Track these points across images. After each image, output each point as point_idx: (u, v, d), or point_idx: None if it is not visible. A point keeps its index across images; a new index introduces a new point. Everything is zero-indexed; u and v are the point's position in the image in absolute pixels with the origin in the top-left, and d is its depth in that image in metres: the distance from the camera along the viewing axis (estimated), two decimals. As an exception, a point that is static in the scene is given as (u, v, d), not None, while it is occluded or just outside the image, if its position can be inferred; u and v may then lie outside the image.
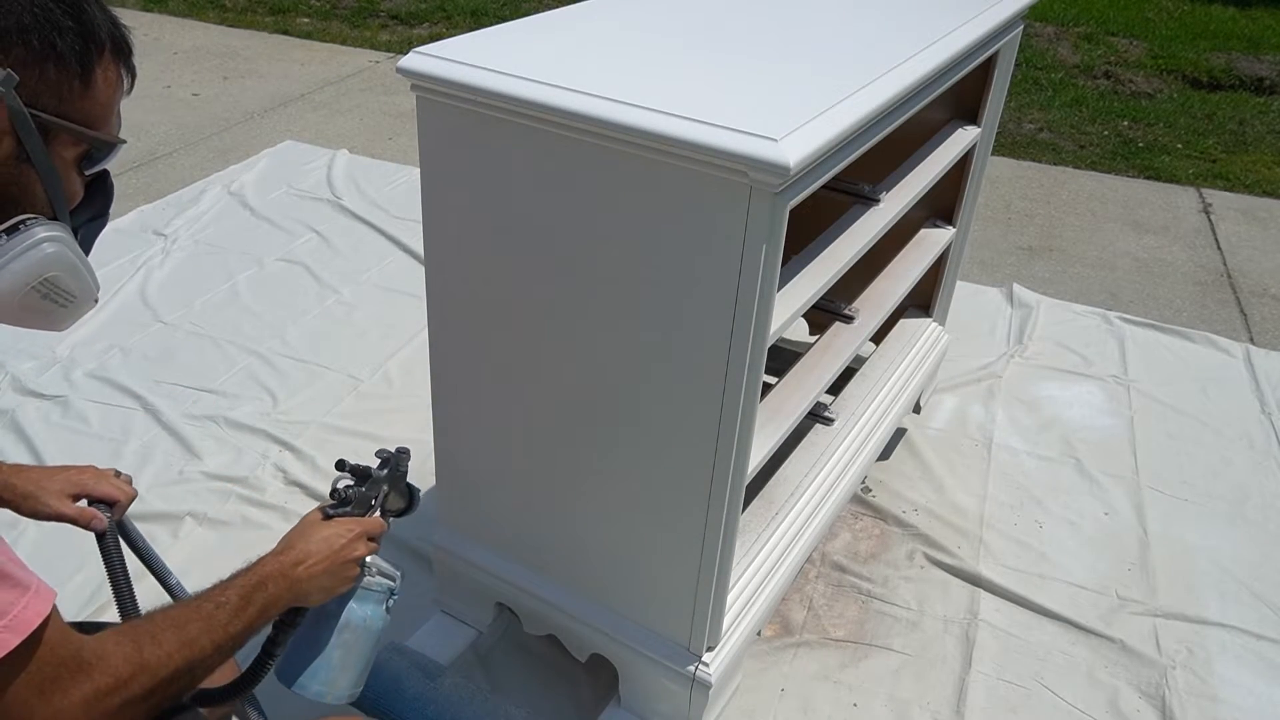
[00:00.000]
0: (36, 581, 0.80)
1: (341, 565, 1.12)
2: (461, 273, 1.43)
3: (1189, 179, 4.37)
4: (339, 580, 1.12)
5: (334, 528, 1.13)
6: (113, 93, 0.88)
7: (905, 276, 2.00)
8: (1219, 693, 1.89)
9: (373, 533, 1.17)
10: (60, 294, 0.89)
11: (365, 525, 1.16)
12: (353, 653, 1.19)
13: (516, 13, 6.26)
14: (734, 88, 1.27)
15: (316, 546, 1.10)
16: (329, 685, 1.18)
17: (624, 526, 1.48)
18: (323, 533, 1.12)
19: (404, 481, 1.25)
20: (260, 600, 1.03)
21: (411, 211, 3.54)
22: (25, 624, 0.77)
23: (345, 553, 1.12)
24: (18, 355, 2.70)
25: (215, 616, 0.97)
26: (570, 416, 1.44)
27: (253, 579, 1.03)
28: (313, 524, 1.13)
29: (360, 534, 1.14)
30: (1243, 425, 2.67)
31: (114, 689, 0.84)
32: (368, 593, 1.18)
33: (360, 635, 1.18)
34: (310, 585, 1.09)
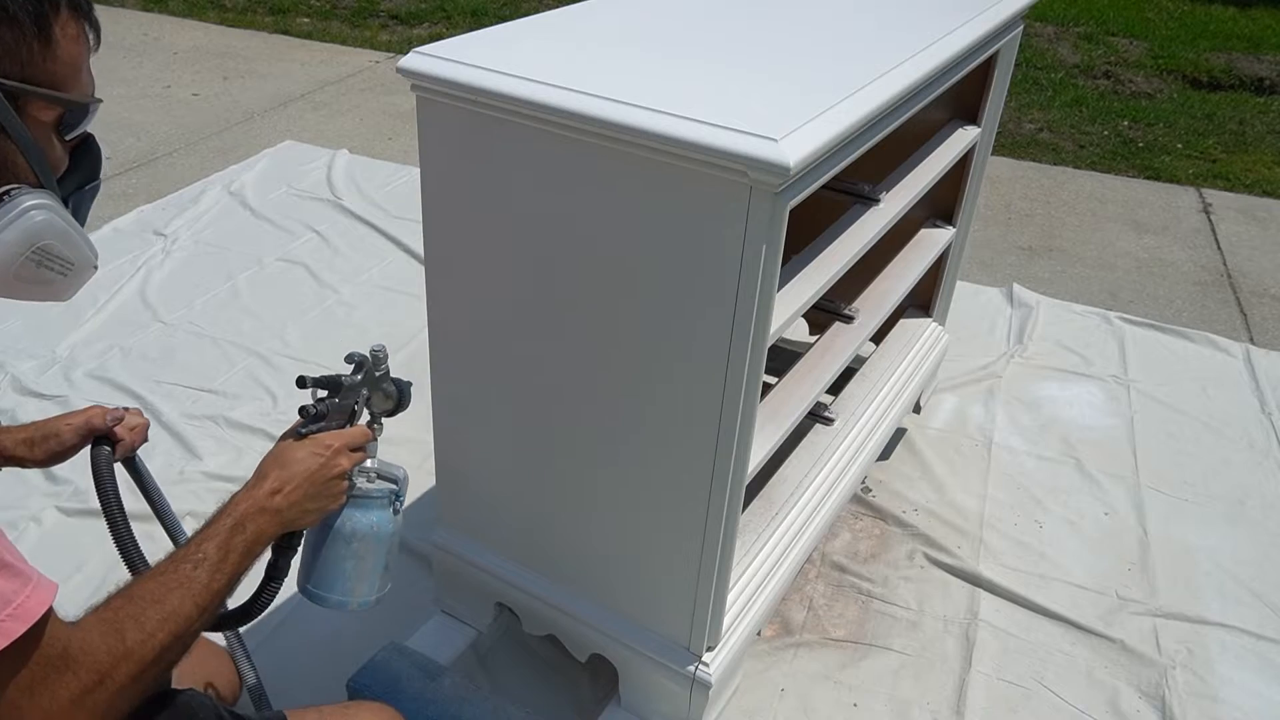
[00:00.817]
0: (36, 573, 0.79)
1: (324, 484, 1.07)
2: (461, 272, 1.43)
3: (1189, 179, 4.37)
4: (325, 499, 1.08)
5: (308, 447, 1.08)
6: (78, 50, 0.85)
7: (905, 276, 2.00)
8: (1219, 693, 1.89)
9: (354, 443, 1.12)
10: (57, 262, 0.87)
11: (344, 437, 1.11)
12: (366, 560, 1.16)
13: (516, 13, 6.26)
14: (734, 87, 1.27)
15: (292, 471, 1.06)
16: (348, 594, 1.17)
17: (624, 526, 1.48)
18: (296, 455, 1.07)
19: (386, 380, 1.20)
20: (240, 545, 0.99)
21: (411, 211, 3.54)
22: (29, 613, 0.76)
23: (325, 471, 1.07)
24: (18, 355, 2.70)
25: (194, 578, 0.94)
26: (570, 416, 1.44)
27: (228, 523, 1.00)
28: (286, 448, 1.09)
29: (339, 448, 1.09)
30: (1243, 425, 2.67)
31: (99, 683, 0.83)
32: (369, 500, 1.15)
33: (370, 542, 1.15)
34: (294, 512, 1.05)
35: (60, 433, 1.22)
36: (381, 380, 1.20)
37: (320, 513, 1.09)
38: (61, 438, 1.21)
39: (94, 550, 2.07)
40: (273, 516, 1.03)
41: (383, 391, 1.20)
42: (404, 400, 1.22)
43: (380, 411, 1.21)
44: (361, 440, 1.13)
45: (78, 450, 1.24)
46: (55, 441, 1.21)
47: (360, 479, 1.16)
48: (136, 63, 5.23)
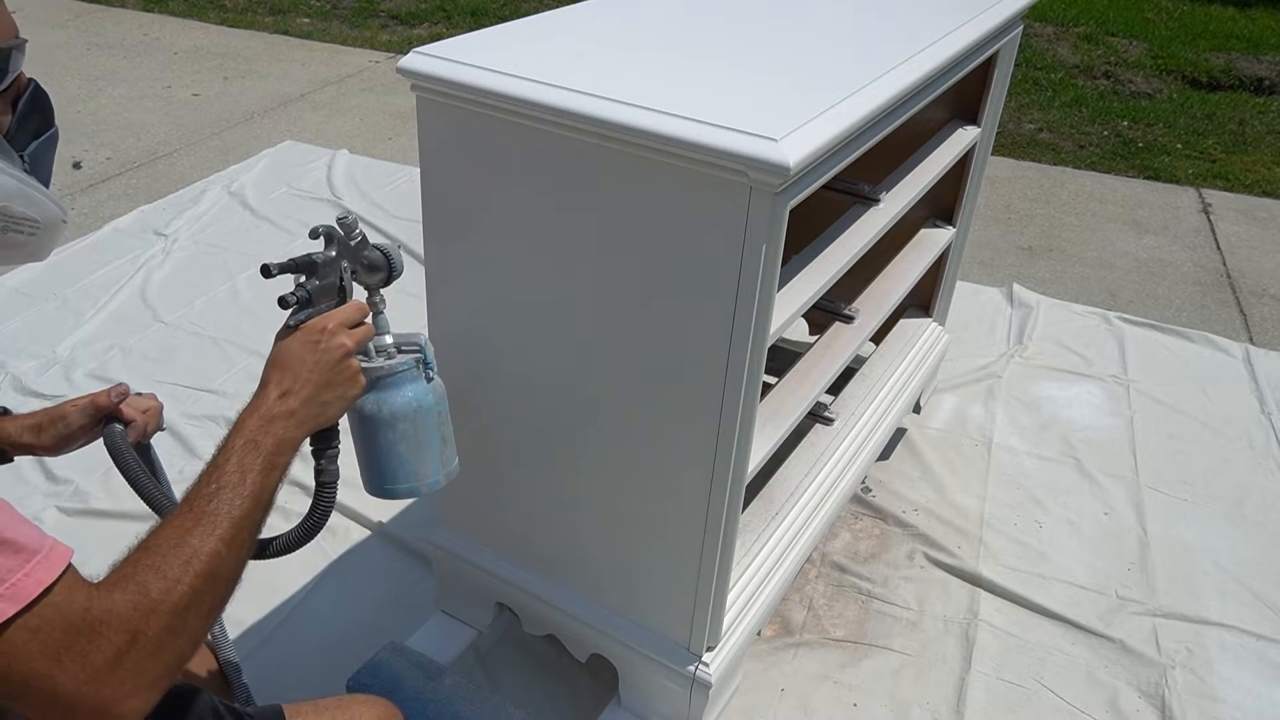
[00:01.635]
0: (49, 544, 0.76)
1: (331, 370, 0.99)
2: (461, 272, 1.43)
3: (1189, 179, 4.37)
4: (340, 385, 1.00)
5: (300, 337, 1.00)
6: None
7: (905, 276, 2.00)
8: (1219, 693, 1.89)
9: (350, 320, 1.03)
10: (19, 223, 0.84)
11: (336, 316, 1.02)
12: (419, 438, 1.10)
13: (516, 13, 6.26)
14: (734, 87, 1.27)
15: (292, 367, 0.98)
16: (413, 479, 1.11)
17: (624, 526, 1.48)
18: (291, 349, 1.00)
19: (365, 248, 1.09)
20: (257, 463, 0.93)
21: (411, 211, 3.54)
22: (25, 593, 0.73)
23: (326, 356, 0.99)
24: (18, 355, 2.71)
25: (213, 510, 0.88)
26: (570, 416, 1.44)
27: (239, 443, 0.94)
28: (280, 347, 1.01)
29: (334, 328, 1.01)
30: (1243, 425, 2.67)
31: (132, 642, 0.79)
32: (397, 376, 1.07)
33: (414, 420, 1.09)
34: (311, 409, 0.98)
35: (66, 414, 1.17)
36: (360, 249, 1.09)
37: (341, 401, 1.01)
38: (68, 419, 1.17)
39: (94, 550, 2.07)
40: (288, 421, 0.96)
41: (365, 262, 1.09)
42: (394, 266, 1.11)
43: (372, 284, 1.11)
44: (358, 315, 1.04)
45: (87, 432, 1.19)
46: (62, 424, 1.17)
47: (380, 358, 1.09)
48: (136, 63, 5.23)
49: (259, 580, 2.03)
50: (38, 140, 0.88)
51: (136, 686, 0.78)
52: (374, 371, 1.08)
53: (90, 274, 3.12)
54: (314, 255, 1.05)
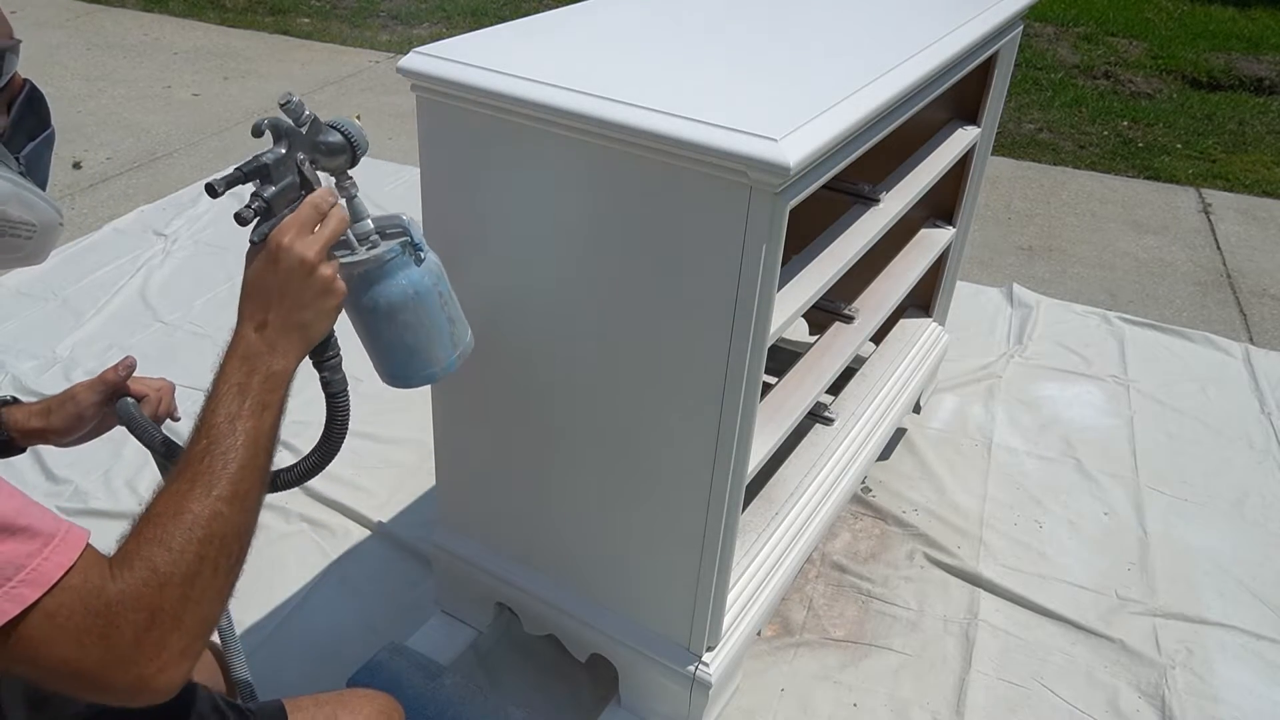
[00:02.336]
0: (65, 527, 0.75)
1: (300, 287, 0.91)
2: (461, 273, 1.43)
3: (1189, 179, 4.37)
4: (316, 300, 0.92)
5: (263, 258, 0.91)
6: None
7: (905, 276, 2.00)
8: (1219, 693, 1.89)
9: (309, 221, 0.93)
10: (15, 226, 0.82)
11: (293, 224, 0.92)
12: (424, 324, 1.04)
13: (516, 13, 6.26)
14: (734, 88, 1.27)
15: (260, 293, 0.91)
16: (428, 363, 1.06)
17: (624, 526, 1.48)
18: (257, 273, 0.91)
19: (320, 131, 0.97)
20: (245, 407, 0.88)
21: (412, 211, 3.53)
22: (46, 577, 0.72)
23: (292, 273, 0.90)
24: (18, 355, 2.71)
25: (207, 469, 0.84)
26: (570, 416, 1.44)
27: (222, 390, 0.89)
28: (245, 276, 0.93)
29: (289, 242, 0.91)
30: (1242, 425, 2.67)
31: (152, 618, 0.77)
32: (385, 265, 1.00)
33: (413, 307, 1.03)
34: (291, 335, 0.92)
35: (75, 394, 1.13)
36: (314, 134, 0.97)
37: (326, 313, 0.94)
38: (78, 399, 1.12)
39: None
40: (270, 355, 0.90)
41: (324, 146, 0.97)
42: (357, 143, 0.99)
43: (334, 168, 1.00)
44: (316, 214, 0.93)
45: (98, 410, 1.14)
46: (72, 404, 1.12)
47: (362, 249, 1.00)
48: (136, 63, 5.23)
49: (259, 580, 2.03)
50: (34, 142, 0.87)
51: (166, 661, 0.77)
52: (358, 265, 1.00)
53: (90, 274, 3.12)
54: (263, 156, 0.93)
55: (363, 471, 2.34)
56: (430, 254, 1.07)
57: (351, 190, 1.02)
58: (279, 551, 2.11)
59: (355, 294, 1.02)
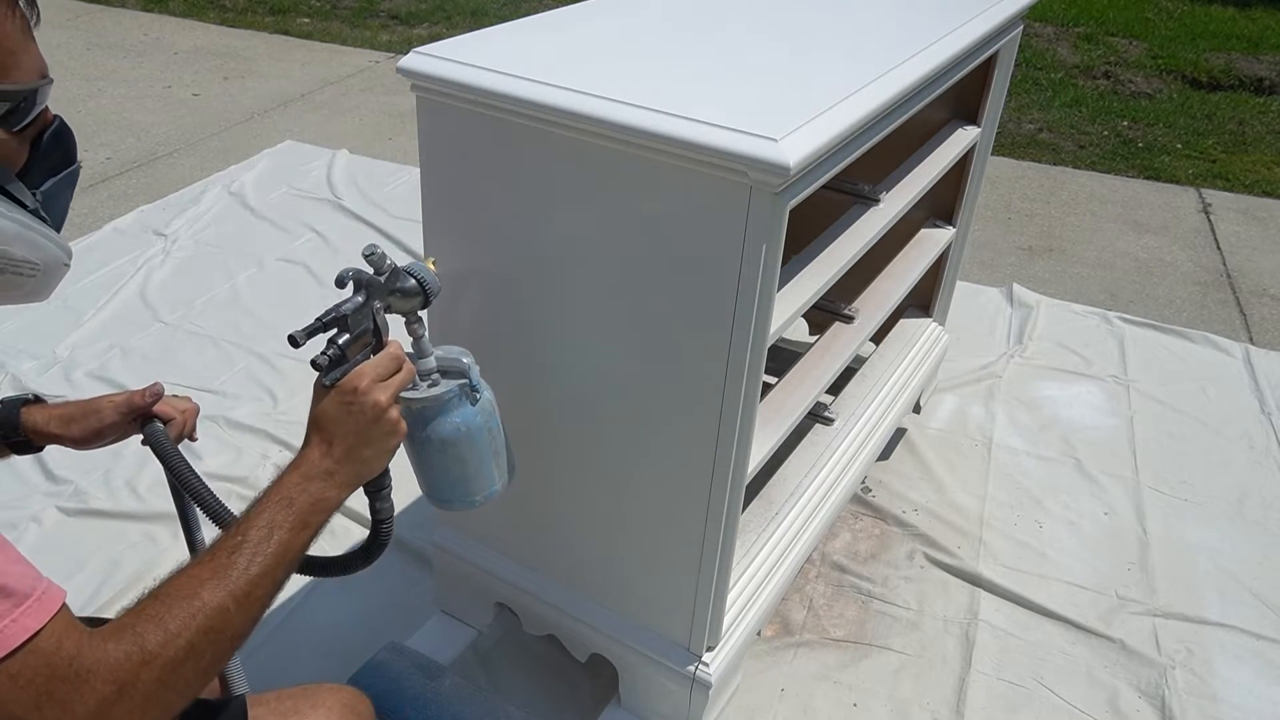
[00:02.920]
0: (43, 587, 0.75)
1: (368, 429, 0.98)
2: (461, 272, 1.43)
3: (1189, 179, 4.37)
4: (382, 438, 0.99)
5: (335, 398, 0.99)
6: (2, 31, 0.77)
7: (905, 276, 2.00)
8: (1219, 693, 1.89)
9: (384, 372, 1.01)
10: (18, 265, 0.81)
11: (368, 372, 1.00)
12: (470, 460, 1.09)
13: (516, 13, 6.26)
14: (734, 88, 1.27)
15: (328, 428, 0.98)
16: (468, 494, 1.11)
17: (624, 526, 1.48)
18: (327, 410, 0.98)
19: (397, 278, 1.05)
20: (287, 520, 0.91)
21: (411, 211, 3.54)
22: (9, 639, 0.72)
23: (360, 416, 0.98)
24: (18, 355, 2.70)
25: (232, 564, 0.86)
26: (570, 415, 1.44)
27: (273, 499, 0.93)
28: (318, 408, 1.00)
29: (365, 388, 0.99)
30: (1242, 425, 2.67)
31: (120, 693, 0.77)
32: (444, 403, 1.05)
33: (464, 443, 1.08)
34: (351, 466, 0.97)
35: (100, 409, 1.13)
36: (392, 281, 1.05)
37: (387, 451, 1.00)
38: (102, 414, 1.13)
39: (94, 550, 2.08)
40: (326, 481, 0.95)
41: (401, 291, 1.05)
42: (430, 289, 1.06)
43: (406, 311, 1.06)
44: (393, 365, 1.02)
45: (118, 429, 1.15)
46: (95, 418, 1.13)
47: (423, 384, 1.06)
48: (136, 63, 5.23)
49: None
50: (55, 177, 0.87)
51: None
52: (419, 403, 1.06)
53: (90, 274, 3.12)
54: (343, 307, 1.02)
55: (363, 471, 2.34)
56: (486, 391, 1.12)
57: (419, 330, 1.10)
58: (279, 551, 2.11)
59: (412, 426, 1.07)
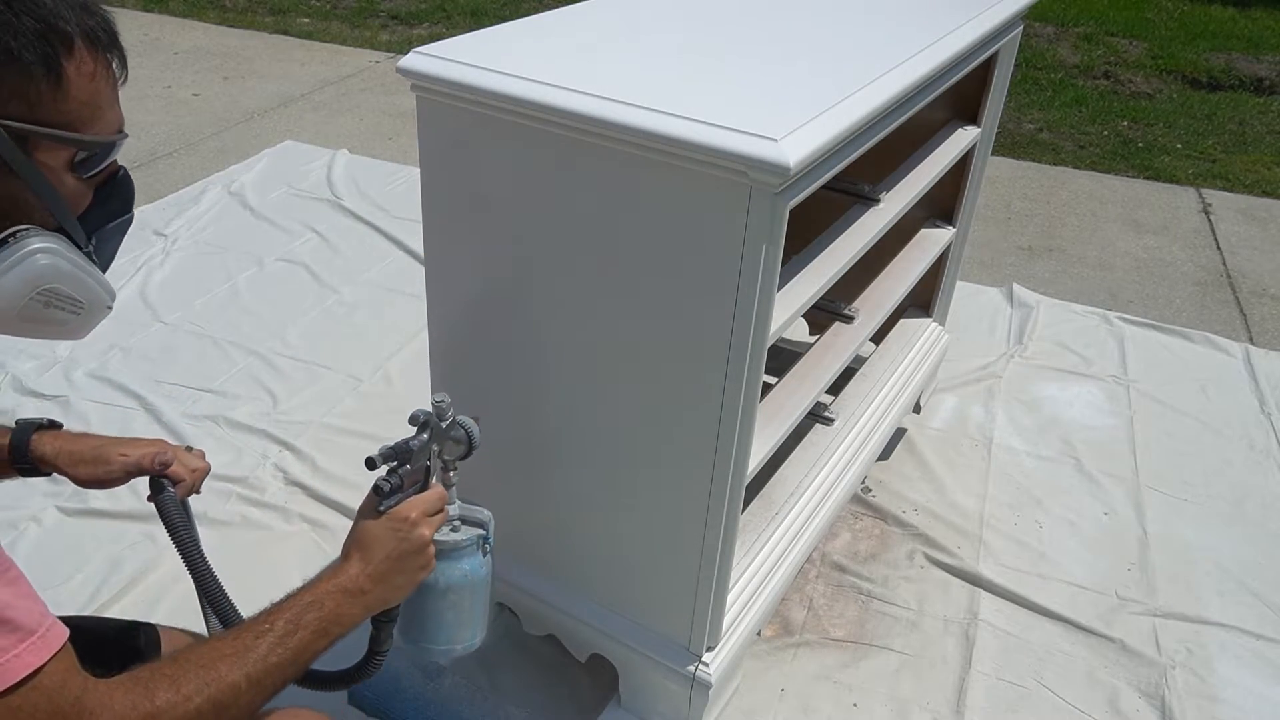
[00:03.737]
0: (48, 624, 0.76)
1: (408, 558, 1.06)
2: (461, 273, 1.43)
3: (1189, 179, 4.37)
4: (413, 571, 1.07)
5: (386, 524, 1.07)
6: (94, 87, 0.81)
7: (905, 276, 2.00)
8: (1219, 693, 1.89)
9: (433, 509, 1.10)
10: (65, 302, 0.85)
11: (421, 505, 1.08)
12: (465, 608, 1.15)
13: (516, 13, 6.26)
14: (734, 87, 1.27)
15: (373, 551, 1.04)
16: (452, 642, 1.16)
17: (624, 526, 1.48)
18: (377, 534, 1.06)
19: (454, 427, 1.16)
20: (313, 621, 0.96)
21: (411, 211, 3.54)
22: (10, 674, 0.73)
23: (406, 546, 1.06)
24: (18, 355, 2.70)
25: (253, 647, 0.91)
26: (570, 416, 1.44)
27: (304, 599, 0.98)
28: (365, 528, 1.07)
29: (417, 518, 1.07)
30: (1242, 425, 2.67)
31: None
32: (459, 550, 1.13)
33: (465, 591, 1.14)
34: (381, 590, 1.04)
35: (110, 461, 1.16)
36: (450, 429, 1.16)
37: (411, 585, 1.07)
38: (110, 467, 1.16)
39: (94, 550, 2.07)
40: (357, 598, 1.01)
41: (452, 439, 1.17)
42: (474, 441, 1.18)
43: (454, 459, 1.18)
44: (439, 504, 1.12)
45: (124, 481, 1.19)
46: (103, 468, 1.16)
47: (445, 529, 1.14)
48: (136, 63, 5.23)
49: (259, 580, 2.03)
50: (111, 224, 0.90)
51: None
52: (438, 544, 1.12)
53: (90, 274, 3.12)
54: (411, 442, 1.13)
55: (363, 472, 2.33)
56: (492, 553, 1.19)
57: (453, 479, 1.19)
58: (279, 551, 2.11)
59: None
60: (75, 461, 1.15)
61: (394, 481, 1.10)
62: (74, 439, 1.17)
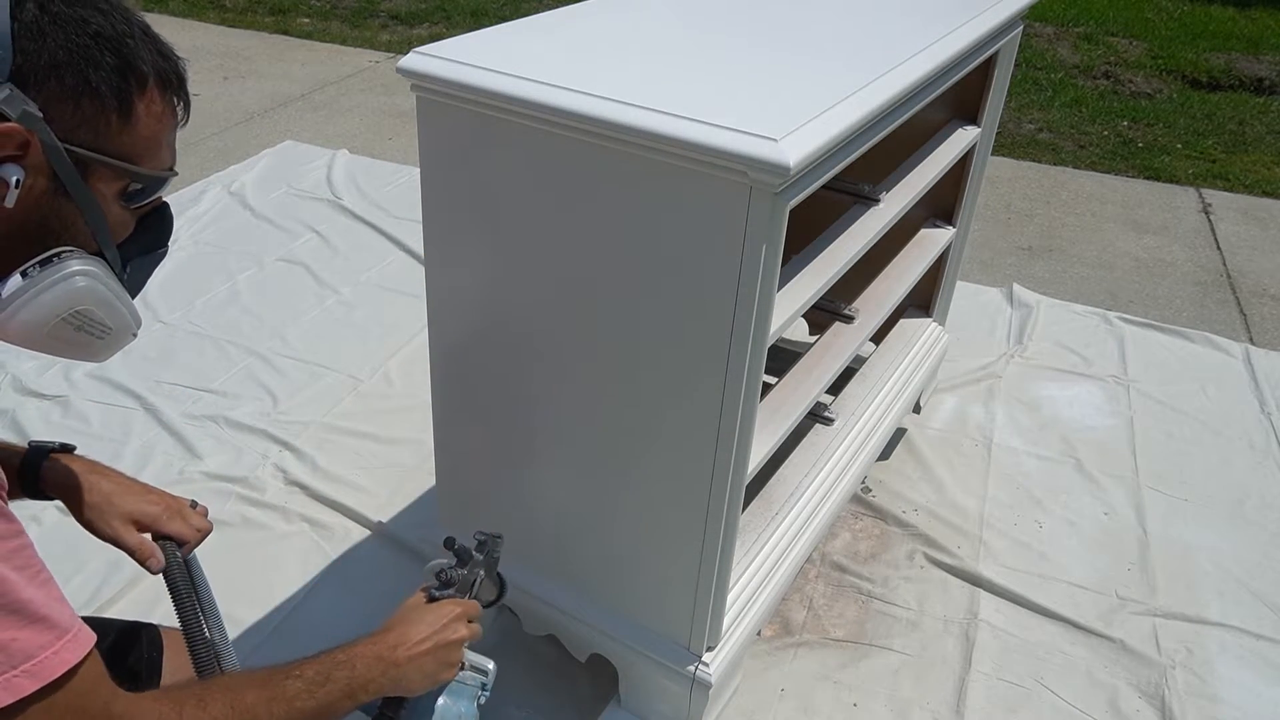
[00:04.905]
0: (78, 625, 0.77)
1: (445, 648, 1.08)
2: (461, 273, 1.43)
3: (1189, 179, 4.37)
4: (442, 664, 1.08)
5: (438, 610, 1.10)
6: (159, 126, 0.86)
7: (905, 276, 2.00)
8: (1219, 693, 1.89)
9: (473, 615, 1.13)
10: (94, 326, 0.87)
11: (467, 608, 1.12)
12: None
13: (516, 13, 6.26)
14: (734, 87, 1.27)
15: (419, 630, 1.06)
16: None
17: (624, 526, 1.48)
18: (425, 616, 1.08)
19: (496, 568, 1.23)
20: (343, 680, 0.97)
21: (411, 211, 3.54)
22: (49, 671, 0.74)
23: (448, 633, 1.08)
24: (18, 355, 2.70)
25: (282, 687, 0.92)
26: (570, 416, 1.44)
27: (339, 656, 0.99)
28: (415, 606, 1.10)
29: (461, 614, 1.11)
30: (1242, 425, 2.67)
31: None
32: (462, 687, 1.15)
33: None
34: (412, 669, 1.04)
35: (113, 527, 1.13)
36: (494, 566, 1.22)
37: (432, 679, 1.08)
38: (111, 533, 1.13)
39: (94, 551, 2.07)
40: (388, 668, 1.02)
41: (491, 579, 1.22)
42: (503, 594, 1.24)
43: (484, 599, 1.21)
44: (478, 614, 1.14)
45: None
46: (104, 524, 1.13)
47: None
48: (136, 63, 5.23)
49: (259, 579, 2.04)
50: (146, 255, 0.93)
51: None
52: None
53: (90, 274, 3.12)
54: (475, 552, 1.20)
55: (363, 471, 2.34)
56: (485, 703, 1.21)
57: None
58: (279, 551, 2.11)
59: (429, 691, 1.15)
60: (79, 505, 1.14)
61: (451, 576, 1.16)
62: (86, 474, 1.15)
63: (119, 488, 1.16)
